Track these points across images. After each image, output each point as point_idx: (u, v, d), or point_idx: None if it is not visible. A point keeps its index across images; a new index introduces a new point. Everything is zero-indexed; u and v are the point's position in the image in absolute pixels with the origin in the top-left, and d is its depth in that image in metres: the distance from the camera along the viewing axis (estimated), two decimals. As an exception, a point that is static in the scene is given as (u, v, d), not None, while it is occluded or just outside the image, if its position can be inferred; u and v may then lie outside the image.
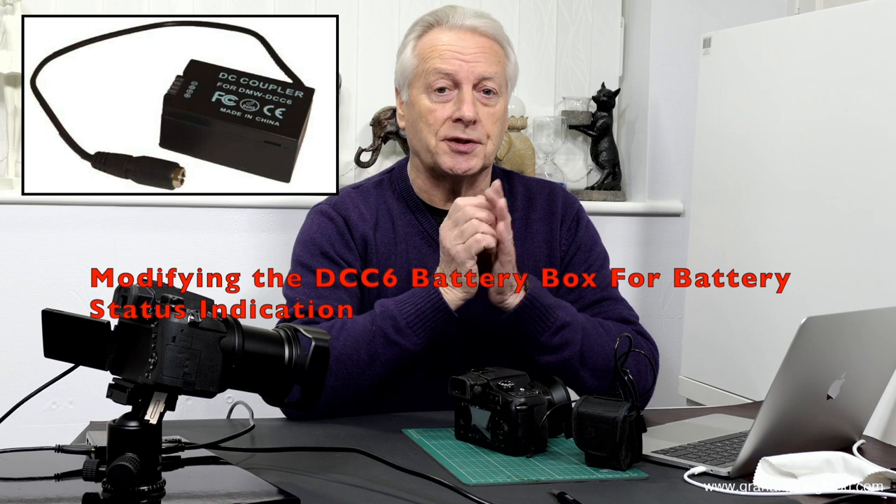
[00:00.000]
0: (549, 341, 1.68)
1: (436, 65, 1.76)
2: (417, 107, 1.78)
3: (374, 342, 1.63)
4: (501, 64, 1.79)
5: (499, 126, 1.79)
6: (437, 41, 1.78)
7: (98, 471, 1.13)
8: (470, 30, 1.77)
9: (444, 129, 1.76)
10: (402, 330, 1.63)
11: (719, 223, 2.45)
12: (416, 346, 1.64)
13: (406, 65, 1.81)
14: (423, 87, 1.77)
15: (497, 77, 1.77)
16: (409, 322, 1.63)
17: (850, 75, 2.03)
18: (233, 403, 1.58)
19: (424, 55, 1.78)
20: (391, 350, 1.64)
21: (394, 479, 1.30)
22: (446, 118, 1.75)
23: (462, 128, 1.75)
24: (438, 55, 1.76)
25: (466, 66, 1.75)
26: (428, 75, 1.76)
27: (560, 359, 1.68)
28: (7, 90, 2.55)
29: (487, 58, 1.77)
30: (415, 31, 1.82)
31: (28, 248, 2.56)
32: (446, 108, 1.76)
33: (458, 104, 1.75)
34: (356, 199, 1.84)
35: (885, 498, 1.27)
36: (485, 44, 1.78)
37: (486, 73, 1.76)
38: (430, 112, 1.76)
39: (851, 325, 1.45)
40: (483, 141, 1.77)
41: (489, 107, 1.77)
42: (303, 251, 1.81)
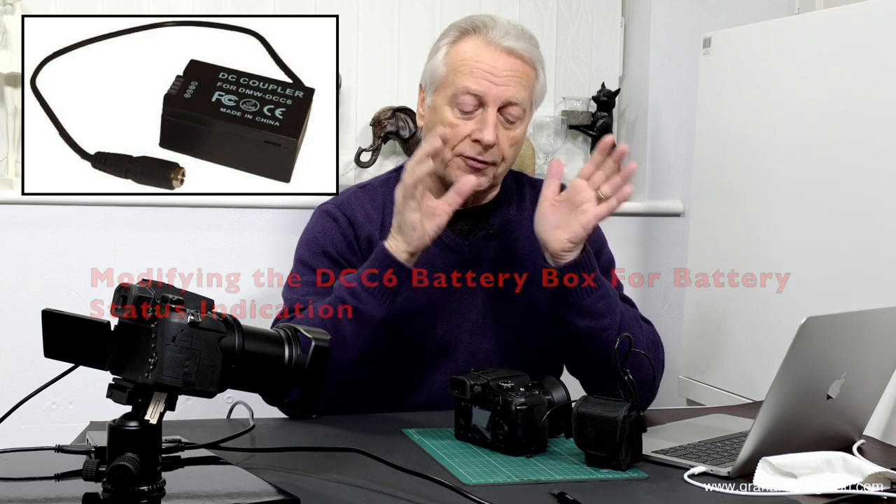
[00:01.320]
0: (593, 305, 1.68)
1: (465, 83, 1.72)
2: (441, 116, 1.75)
3: (336, 314, 1.62)
4: (530, 88, 1.77)
5: (515, 149, 1.78)
6: (471, 56, 1.74)
7: (98, 471, 1.13)
8: (506, 51, 1.74)
9: (461, 145, 1.74)
10: (359, 295, 1.62)
11: (719, 223, 2.45)
12: (376, 309, 1.63)
13: (436, 69, 1.78)
14: (448, 97, 1.74)
15: (523, 102, 1.75)
16: (363, 286, 1.62)
17: (850, 75, 2.03)
18: (233, 403, 1.58)
19: (456, 67, 1.74)
20: (353, 319, 1.62)
21: (394, 479, 1.30)
22: (466, 136, 1.73)
23: (480, 149, 1.73)
24: (470, 72, 1.73)
25: (496, 90, 1.72)
26: (456, 89, 1.73)
27: (599, 326, 1.68)
28: (7, 90, 2.55)
29: (518, 83, 1.74)
30: (449, 36, 1.79)
31: (28, 248, 2.56)
32: (468, 125, 1.73)
33: (480, 125, 1.72)
34: (362, 199, 1.84)
35: (885, 498, 1.27)
36: (518, 67, 1.74)
37: (513, 98, 1.73)
38: (451, 126, 1.73)
39: (851, 325, 1.45)
40: (497, 163, 1.76)
41: (510, 131, 1.75)
42: (305, 250, 1.81)
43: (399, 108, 2.74)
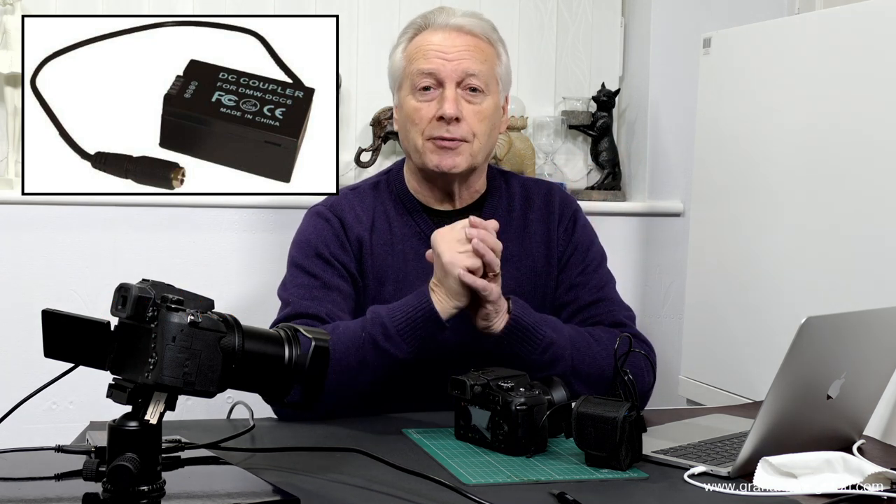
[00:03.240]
0: (539, 359, 1.67)
1: (419, 65, 1.76)
2: (405, 108, 1.79)
3: (364, 349, 1.63)
4: (489, 62, 1.79)
5: (486, 124, 1.78)
6: (424, 42, 1.78)
7: (98, 471, 1.13)
8: (455, 28, 1.78)
9: (429, 128, 1.76)
10: (392, 338, 1.62)
11: (719, 223, 2.45)
12: (405, 354, 1.63)
13: (395, 67, 1.82)
14: (409, 87, 1.78)
15: (482, 74, 1.77)
16: (399, 330, 1.62)
17: (849, 75, 2.03)
18: (233, 403, 1.58)
19: (411, 57, 1.79)
20: (380, 358, 1.63)
21: (394, 479, 1.30)
22: (431, 117, 1.76)
23: (445, 126, 1.75)
24: (423, 55, 1.77)
25: (449, 65, 1.75)
26: (413, 76, 1.77)
27: (552, 375, 1.68)
28: (7, 90, 2.55)
29: (472, 55, 1.77)
30: (406, 35, 1.83)
31: (28, 248, 2.56)
32: (430, 106, 1.76)
33: (441, 102, 1.75)
34: (353, 201, 1.84)
35: (885, 498, 1.27)
36: (470, 42, 1.78)
37: (469, 69, 1.75)
38: (415, 111, 1.77)
39: (851, 325, 1.45)
40: (469, 139, 1.76)
41: (474, 104, 1.76)
42: (298, 252, 1.81)
43: (399, 108, 2.74)
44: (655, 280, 2.97)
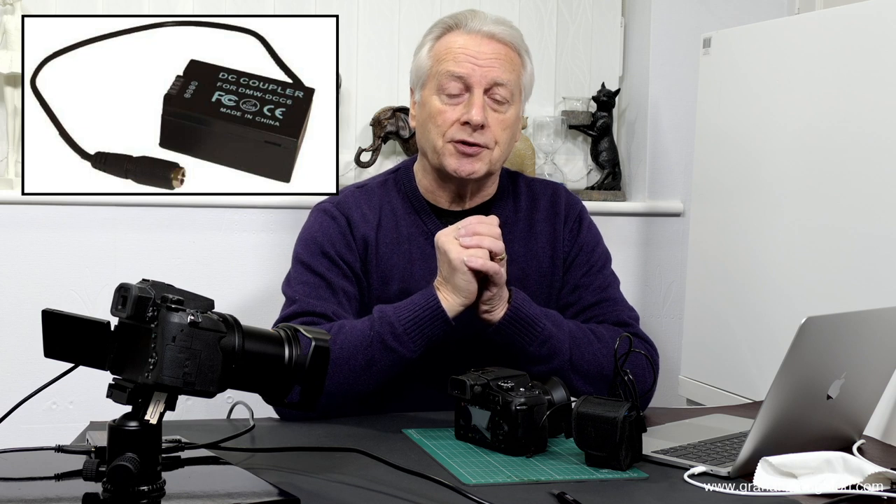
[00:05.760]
0: (537, 352, 1.68)
1: (449, 67, 1.75)
2: (428, 107, 1.78)
3: (372, 348, 1.63)
4: (516, 72, 1.79)
5: (508, 133, 1.79)
6: (453, 44, 1.77)
7: (98, 471, 1.13)
8: (487, 35, 1.77)
9: (451, 131, 1.75)
10: (400, 337, 1.63)
11: (719, 223, 2.45)
12: (412, 353, 1.64)
13: (421, 65, 1.81)
14: (435, 88, 1.77)
15: (510, 84, 1.77)
16: (406, 329, 1.63)
17: (849, 75, 2.03)
18: (233, 403, 1.58)
19: (439, 57, 1.78)
20: (388, 356, 1.63)
21: (394, 479, 1.30)
22: (455, 120, 1.75)
23: (470, 131, 1.74)
24: (452, 58, 1.76)
25: (479, 71, 1.74)
26: (441, 77, 1.76)
27: (550, 368, 1.68)
28: (7, 90, 2.55)
29: (502, 64, 1.76)
30: (433, 33, 1.82)
31: (28, 248, 2.56)
32: (456, 110, 1.75)
33: (468, 107, 1.74)
34: (359, 199, 1.84)
35: (885, 498, 1.27)
36: (500, 50, 1.77)
37: (498, 78, 1.75)
38: (439, 113, 1.76)
39: (851, 325, 1.45)
40: (490, 146, 1.76)
41: (499, 113, 1.77)
42: (303, 249, 1.81)
43: (399, 108, 2.74)
44: (655, 280, 2.98)
